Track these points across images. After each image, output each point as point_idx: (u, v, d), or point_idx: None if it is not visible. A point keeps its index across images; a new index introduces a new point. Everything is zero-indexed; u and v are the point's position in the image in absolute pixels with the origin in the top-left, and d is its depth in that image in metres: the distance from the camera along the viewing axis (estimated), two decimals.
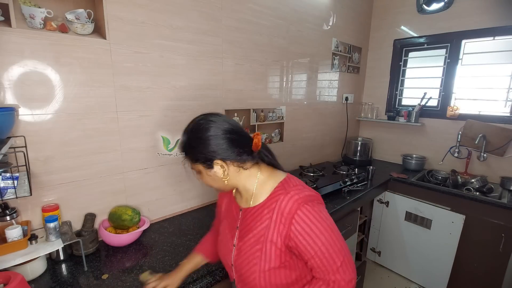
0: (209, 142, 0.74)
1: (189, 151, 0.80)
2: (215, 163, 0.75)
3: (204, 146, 0.74)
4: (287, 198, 0.71)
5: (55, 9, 0.99)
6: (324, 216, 0.71)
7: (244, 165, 0.77)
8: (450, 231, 1.91)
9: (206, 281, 0.96)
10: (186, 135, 0.80)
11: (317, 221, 0.69)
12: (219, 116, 0.78)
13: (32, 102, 0.99)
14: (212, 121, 0.75)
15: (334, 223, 0.73)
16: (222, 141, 0.74)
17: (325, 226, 0.70)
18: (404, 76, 2.64)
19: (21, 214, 1.03)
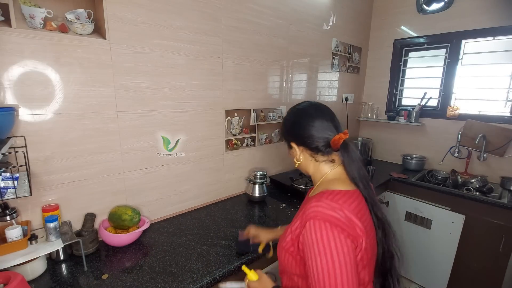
0: (294, 124, 0.83)
1: (282, 127, 0.90)
2: (292, 144, 0.85)
3: (287, 129, 0.86)
4: (314, 205, 0.69)
5: (55, 9, 0.99)
6: (332, 244, 0.64)
7: (316, 157, 0.81)
8: (450, 231, 1.91)
9: (206, 281, 0.96)
10: (287, 113, 0.89)
11: (322, 242, 0.65)
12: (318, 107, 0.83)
13: (32, 102, 0.99)
14: (307, 108, 0.83)
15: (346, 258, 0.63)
16: (304, 128, 0.79)
17: (328, 252, 0.64)
18: (404, 76, 2.64)
19: (21, 214, 1.03)
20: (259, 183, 1.65)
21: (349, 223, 0.66)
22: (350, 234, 0.66)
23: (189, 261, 1.07)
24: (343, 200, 0.69)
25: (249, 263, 1.11)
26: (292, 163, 2.14)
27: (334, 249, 0.64)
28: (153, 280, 0.95)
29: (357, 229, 0.67)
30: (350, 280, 0.63)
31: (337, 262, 0.63)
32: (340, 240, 0.64)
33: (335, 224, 0.65)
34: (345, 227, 0.66)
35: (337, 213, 0.66)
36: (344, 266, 0.63)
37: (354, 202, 0.71)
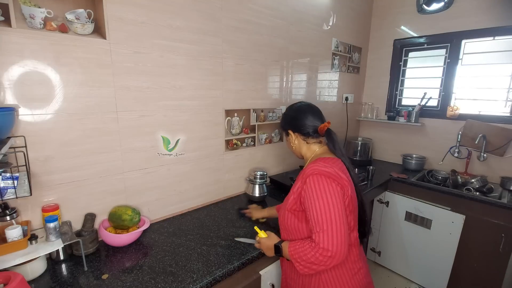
0: (290, 116, 1.12)
1: (281, 121, 1.19)
2: (289, 131, 1.11)
3: (286, 121, 1.14)
4: (311, 166, 0.93)
5: (55, 9, 0.99)
6: (327, 189, 0.86)
7: (307, 140, 1.08)
8: (450, 231, 1.91)
9: (206, 281, 0.96)
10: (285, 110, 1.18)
11: (319, 189, 0.87)
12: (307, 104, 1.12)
13: (32, 102, 0.99)
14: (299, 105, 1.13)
15: (338, 200, 0.85)
16: (298, 118, 1.08)
17: (324, 196, 0.85)
18: (404, 76, 2.64)
19: (21, 214, 1.03)
20: (259, 183, 1.65)
21: (338, 176, 0.90)
22: (340, 183, 0.89)
23: (189, 261, 1.07)
24: (332, 162, 0.95)
25: (250, 263, 1.11)
26: (292, 163, 2.13)
27: (329, 193, 0.86)
28: (153, 280, 0.95)
29: (344, 181, 0.91)
30: (342, 217, 0.84)
31: (332, 202, 0.84)
32: (333, 187, 0.87)
33: (329, 176, 0.88)
34: (335, 178, 0.89)
35: (329, 169, 0.90)
36: (337, 205, 0.84)
37: (339, 164, 0.97)
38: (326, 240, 0.81)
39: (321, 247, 0.81)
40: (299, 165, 2.21)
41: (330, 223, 0.82)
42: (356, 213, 0.98)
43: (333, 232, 0.81)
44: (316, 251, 0.82)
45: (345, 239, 0.82)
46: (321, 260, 0.82)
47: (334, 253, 0.80)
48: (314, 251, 0.82)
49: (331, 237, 0.81)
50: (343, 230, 0.83)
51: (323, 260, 0.81)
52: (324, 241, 0.81)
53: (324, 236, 0.81)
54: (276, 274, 1.25)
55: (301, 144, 1.09)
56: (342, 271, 0.93)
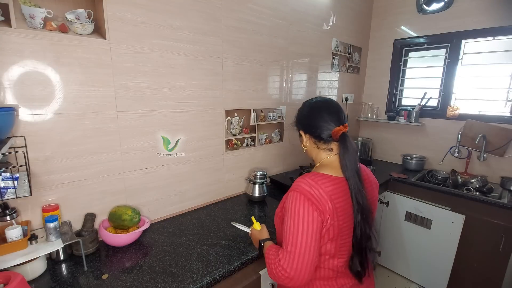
0: (304, 114, 0.98)
1: (296, 115, 1.04)
2: (300, 132, 1.00)
3: (299, 119, 1.01)
4: (298, 179, 0.86)
5: (55, 9, 0.99)
6: (301, 212, 0.79)
7: (318, 144, 0.94)
8: (450, 231, 1.91)
9: (206, 281, 0.96)
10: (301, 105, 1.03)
11: (294, 209, 0.81)
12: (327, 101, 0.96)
13: (32, 102, 0.99)
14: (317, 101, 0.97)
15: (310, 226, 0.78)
16: (311, 118, 0.94)
17: (297, 217, 0.80)
18: (404, 76, 2.64)
19: (21, 214, 1.03)
20: (259, 183, 1.65)
21: (320, 199, 0.80)
22: (318, 208, 0.79)
23: (189, 261, 1.07)
24: (322, 182, 0.83)
25: (250, 263, 1.11)
26: (292, 163, 2.13)
27: (301, 216, 0.79)
28: (153, 280, 0.95)
29: (326, 207, 0.80)
30: (309, 243, 0.78)
31: (300, 226, 0.78)
32: (308, 210, 0.79)
33: (307, 197, 0.80)
34: (315, 201, 0.80)
35: (312, 190, 0.81)
36: (306, 230, 0.78)
37: (332, 186, 0.84)
38: (287, 261, 0.78)
39: (281, 264, 0.79)
40: (299, 165, 2.21)
41: (295, 246, 0.78)
42: (343, 241, 0.86)
43: (295, 256, 0.77)
44: (277, 266, 0.80)
45: (307, 266, 0.77)
46: (279, 277, 0.80)
47: (292, 276, 0.77)
48: (276, 265, 0.81)
49: (292, 260, 0.77)
50: (308, 257, 0.77)
51: (281, 277, 0.79)
52: (286, 261, 0.78)
53: (287, 256, 0.78)
54: None
55: (311, 147, 0.96)
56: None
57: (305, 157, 2.30)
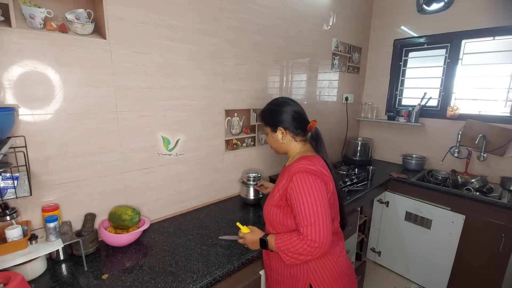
0: (280, 114, 1.08)
1: (265, 117, 1.14)
2: (278, 129, 1.08)
3: (278, 115, 1.08)
4: (296, 164, 0.97)
5: (55, 9, 0.99)
6: (313, 186, 0.91)
7: (296, 137, 1.09)
8: (450, 231, 1.91)
9: (206, 281, 0.96)
10: (267, 106, 1.15)
11: (305, 186, 0.92)
12: (294, 101, 1.12)
13: (32, 102, 0.99)
14: (287, 102, 1.10)
15: (322, 195, 0.91)
16: (289, 116, 1.07)
17: (310, 192, 0.91)
18: (404, 76, 2.64)
19: (21, 214, 1.03)
20: (253, 185, 1.61)
21: (322, 172, 0.95)
22: (323, 179, 0.95)
23: (189, 261, 1.07)
24: (315, 160, 0.99)
25: (250, 263, 1.11)
26: None
27: (315, 189, 0.91)
28: (153, 280, 0.95)
29: (327, 177, 0.97)
30: (326, 211, 0.90)
31: (318, 197, 0.90)
32: (318, 183, 0.92)
33: (313, 173, 0.94)
34: (319, 174, 0.94)
35: (313, 167, 0.95)
36: (322, 200, 0.90)
37: (321, 162, 1.01)
38: (314, 232, 0.87)
39: (309, 239, 0.87)
40: None
41: (317, 217, 0.88)
42: (336, 205, 1.06)
43: (320, 225, 0.88)
44: (304, 243, 0.88)
45: (329, 230, 0.89)
46: (309, 251, 0.88)
47: (321, 244, 0.87)
48: (302, 243, 0.88)
49: (318, 229, 0.87)
50: (328, 223, 0.89)
51: (310, 250, 0.88)
52: (312, 233, 0.87)
53: (312, 229, 0.87)
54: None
55: (289, 141, 1.09)
56: (327, 257, 1.00)
57: None
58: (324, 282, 0.98)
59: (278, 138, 1.09)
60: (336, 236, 1.05)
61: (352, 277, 1.07)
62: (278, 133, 1.09)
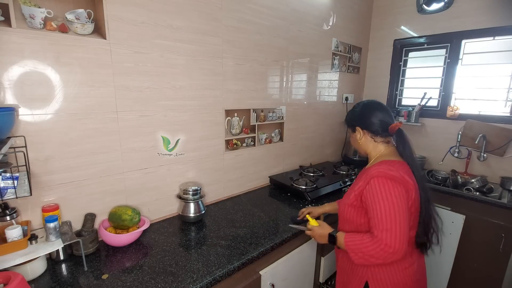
0: (360, 114, 1.10)
1: (346, 117, 1.18)
2: (357, 128, 1.10)
3: (354, 117, 1.13)
4: (376, 168, 0.96)
5: (55, 9, 0.99)
6: (392, 192, 0.90)
7: (375, 138, 1.08)
8: (450, 231, 1.91)
9: (206, 281, 0.96)
10: (353, 107, 1.16)
11: (384, 191, 0.91)
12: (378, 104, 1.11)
13: (32, 102, 0.99)
14: (370, 105, 1.11)
15: (402, 202, 0.89)
16: (367, 117, 1.08)
17: (389, 197, 0.89)
18: (404, 76, 2.64)
19: (21, 214, 1.03)
20: (193, 200, 1.37)
21: (403, 179, 0.92)
22: (405, 186, 0.92)
23: (189, 261, 1.07)
24: (398, 166, 0.97)
25: (250, 263, 1.11)
26: (292, 163, 2.13)
27: (394, 195, 0.89)
28: (153, 280, 0.95)
29: (409, 185, 0.93)
30: (404, 218, 0.88)
31: (397, 204, 0.88)
32: (398, 190, 0.90)
33: (394, 179, 0.92)
34: (400, 181, 0.92)
35: (395, 172, 0.93)
36: (401, 207, 0.88)
37: (405, 168, 0.98)
38: (390, 238, 0.86)
39: (384, 243, 0.87)
40: (299, 165, 2.21)
41: (394, 223, 0.87)
42: (417, 215, 0.99)
43: (397, 232, 0.87)
44: (378, 246, 0.88)
45: (406, 238, 0.88)
46: (382, 255, 0.88)
47: (396, 250, 0.86)
48: (376, 246, 0.88)
49: (394, 235, 0.86)
50: (405, 230, 0.88)
51: (383, 255, 0.87)
52: (388, 238, 0.87)
53: (388, 234, 0.87)
54: (276, 274, 1.25)
55: (368, 142, 1.09)
56: (393, 263, 0.97)
57: (307, 156, 2.30)
58: (381, 284, 0.98)
59: (356, 138, 1.11)
60: (410, 246, 0.99)
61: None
62: (357, 133, 1.11)
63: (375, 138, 1.08)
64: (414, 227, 1.00)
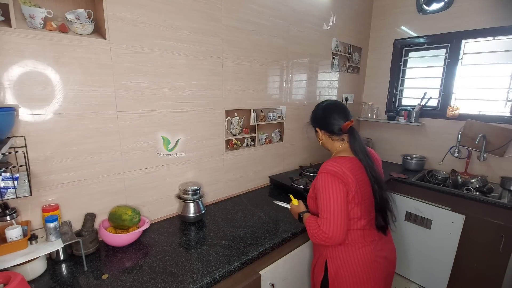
0: (319, 115, 1.23)
1: (310, 118, 1.30)
2: (316, 129, 1.25)
3: (315, 119, 1.26)
4: (323, 164, 1.11)
5: (55, 9, 0.99)
6: (330, 186, 1.04)
7: (332, 137, 1.20)
8: (450, 231, 1.91)
9: (206, 281, 0.96)
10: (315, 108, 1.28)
11: (324, 185, 1.05)
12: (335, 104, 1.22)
13: (32, 102, 0.99)
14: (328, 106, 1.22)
15: (338, 195, 1.03)
16: (324, 118, 1.20)
17: (327, 191, 1.04)
18: (404, 76, 2.64)
19: (21, 214, 1.03)
20: (193, 200, 1.37)
21: (343, 174, 1.05)
22: (343, 181, 1.04)
23: (189, 261, 1.07)
24: (342, 162, 1.09)
25: (249, 263, 1.11)
26: (292, 163, 2.14)
27: (331, 189, 1.04)
28: (153, 280, 0.95)
29: (349, 179, 1.05)
30: (339, 209, 1.02)
31: (331, 197, 1.03)
32: (335, 185, 1.04)
33: (334, 174, 1.05)
34: (339, 176, 1.04)
35: (336, 168, 1.06)
36: (337, 199, 1.03)
37: (351, 164, 1.09)
38: (326, 225, 1.02)
39: (321, 229, 1.03)
40: (299, 165, 2.22)
41: (329, 213, 1.02)
42: (365, 204, 1.10)
43: (331, 221, 1.02)
44: (318, 231, 1.04)
45: (341, 227, 1.02)
46: (321, 238, 1.04)
47: (330, 236, 1.01)
48: (317, 230, 1.05)
49: (328, 224, 1.02)
50: (340, 220, 1.02)
51: (322, 238, 1.03)
52: (324, 225, 1.03)
53: (325, 222, 1.03)
54: (276, 274, 1.25)
55: (327, 140, 1.23)
56: (346, 246, 1.12)
57: (307, 156, 2.30)
58: (336, 263, 1.12)
59: (319, 137, 1.26)
60: (362, 232, 1.11)
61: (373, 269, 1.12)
62: (318, 133, 1.25)
63: (332, 137, 1.20)
64: (363, 217, 1.10)
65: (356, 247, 1.11)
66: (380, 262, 1.13)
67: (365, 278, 1.10)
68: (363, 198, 1.09)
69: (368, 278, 1.11)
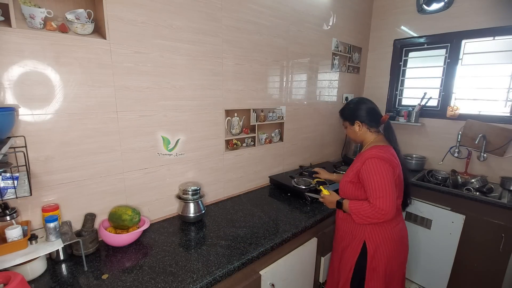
0: (358, 110, 1.34)
1: (344, 113, 1.40)
2: (355, 123, 1.34)
3: (353, 113, 1.35)
4: (369, 152, 1.23)
5: (55, 9, 0.99)
6: (382, 169, 1.17)
7: (370, 129, 1.33)
8: (450, 231, 1.91)
9: (206, 281, 0.96)
10: (346, 105, 1.41)
11: (376, 169, 1.18)
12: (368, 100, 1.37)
13: (32, 102, 0.99)
14: (362, 101, 1.37)
15: (390, 176, 1.17)
16: (364, 112, 1.33)
17: (380, 173, 1.17)
18: (404, 76, 2.64)
19: (21, 214, 1.03)
20: (193, 200, 1.37)
21: (390, 159, 1.21)
22: (391, 164, 1.20)
23: (189, 261, 1.07)
24: (386, 149, 1.24)
25: (249, 263, 1.11)
26: (292, 163, 2.14)
27: (384, 171, 1.17)
28: (153, 280, 0.95)
29: (394, 163, 1.21)
30: (391, 189, 1.16)
31: (385, 178, 1.16)
32: (386, 167, 1.18)
33: (384, 159, 1.19)
34: (388, 160, 1.19)
35: (385, 154, 1.20)
36: (390, 180, 1.17)
37: (391, 150, 1.26)
38: (382, 203, 1.14)
39: (378, 207, 1.14)
40: (299, 165, 2.22)
41: (384, 191, 1.15)
42: (401, 187, 1.29)
43: (387, 198, 1.14)
44: (374, 209, 1.15)
45: (394, 203, 1.15)
46: (376, 216, 1.16)
47: (387, 212, 1.14)
48: (372, 209, 1.16)
49: (385, 201, 1.14)
50: (393, 197, 1.15)
51: (377, 216, 1.15)
52: (380, 203, 1.14)
53: (381, 201, 1.14)
54: (276, 274, 1.25)
55: (365, 132, 1.34)
56: (383, 224, 1.25)
57: (307, 156, 2.31)
58: (376, 241, 1.25)
59: (356, 130, 1.35)
60: (398, 211, 1.28)
61: (402, 244, 1.33)
62: (356, 126, 1.34)
63: (370, 129, 1.33)
64: (400, 196, 1.29)
65: (392, 225, 1.27)
66: (406, 239, 1.35)
67: (396, 253, 1.28)
68: (400, 180, 1.27)
69: (399, 252, 1.30)
